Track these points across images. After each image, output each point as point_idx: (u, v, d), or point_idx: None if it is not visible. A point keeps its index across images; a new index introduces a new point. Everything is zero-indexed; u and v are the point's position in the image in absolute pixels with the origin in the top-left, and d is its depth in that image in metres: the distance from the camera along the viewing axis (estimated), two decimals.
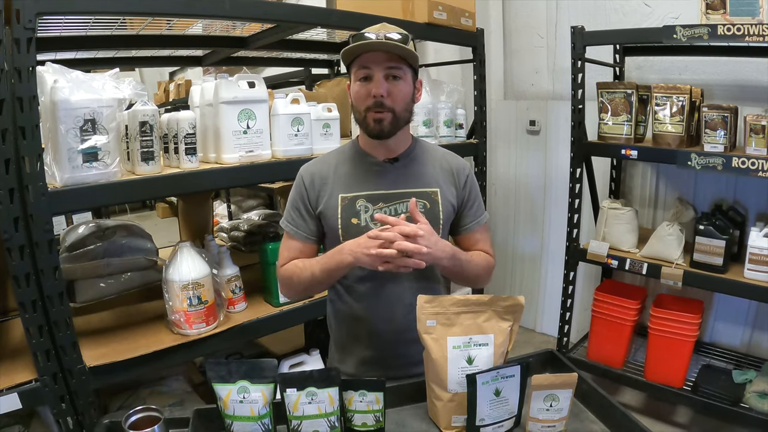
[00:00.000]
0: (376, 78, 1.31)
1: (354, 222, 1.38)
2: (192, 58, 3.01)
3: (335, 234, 1.40)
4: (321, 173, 1.44)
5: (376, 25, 1.36)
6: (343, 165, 1.45)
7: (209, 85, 1.89)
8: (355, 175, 1.42)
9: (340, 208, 1.39)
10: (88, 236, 1.97)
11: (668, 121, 2.46)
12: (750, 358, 2.74)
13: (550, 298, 3.69)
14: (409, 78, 1.36)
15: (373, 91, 1.30)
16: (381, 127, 1.33)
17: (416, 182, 1.42)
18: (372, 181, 1.41)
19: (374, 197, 1.40)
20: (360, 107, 1.35)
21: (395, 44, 1.28)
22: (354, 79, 1.35)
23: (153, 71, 7.38)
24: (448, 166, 1.48)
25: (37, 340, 1.48)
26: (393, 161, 1.43)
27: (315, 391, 1.09)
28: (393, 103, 1.32)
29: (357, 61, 1.33)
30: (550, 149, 3.54)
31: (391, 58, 1.31)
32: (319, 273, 1.35)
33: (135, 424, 1.08)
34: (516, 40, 3.67)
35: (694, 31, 2.21)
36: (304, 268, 1.38)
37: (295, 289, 1.44)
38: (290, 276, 1.41)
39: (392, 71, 1.32)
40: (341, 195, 1.40)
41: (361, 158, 1.44)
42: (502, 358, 1.22)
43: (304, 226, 1.44)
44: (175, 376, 2.25)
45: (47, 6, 1.41)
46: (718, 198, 2.80)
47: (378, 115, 1.32)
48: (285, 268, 1.44)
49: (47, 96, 1.48)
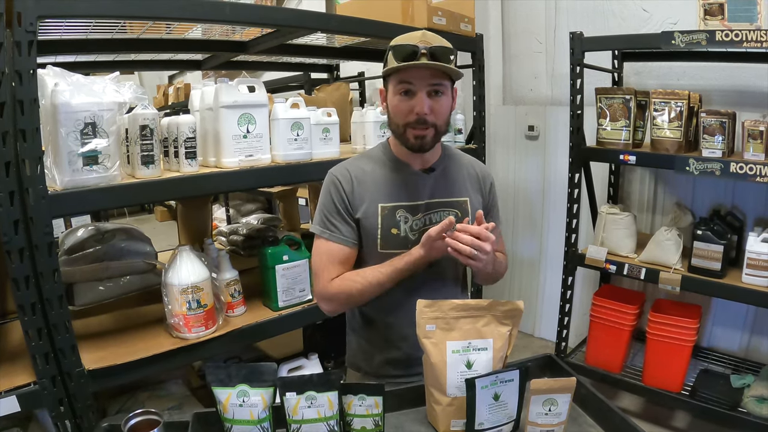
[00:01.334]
0: (420, 96, 1.29)
1: (394, 232, 1.38)
2: (191, 62, 3.02)
3: (373, 242, 1.39)
4: (358, 177, 1.41)
5: (414, 33, 1.32)
6: (378, 171, 1.43)
7: (209, 89, 1.89)
8: (393, 184, 1.41)
9: (380, 217, 1.38)
10: (87, 239, 1.97)
11: (666, 126, 2.47)
12: (748, 363, 2.75)
13: (548, 303, 3.69)
14: (449, 91, 1.35)
15: (416, 109, 1.30)
16: (423, 143, 1.34)
17: (450, 192, 1.45)
18: (411, 191, 1.41)
19: (413, 208, 1.40)
20: (400, 121, 1.34)
21: (444, 66, 1.27)
22: (393, 91, 1.33)
23: (152, 75, 7.37)
24: (475, 174, 1.51)
25: (36, 342, 1.47)
26: (429, 171, 1.43)
27: (314, 395, 1.09)
28: (435, 119, 1.33)
29: (398, 74, 1.31)
30: (549, 154, 3.54)
31: (435, 74, 1.30)
32: (388, 277, 1.34)
33: (134, 427, 1.08)
34: (515, 45, 3.69)
35: (693, 37, 2.22)
36: (366, 281, 1.35)
37: (354, 302, 1.41)
38: (349, 292, 1.37)
39: (435, 87, 1.30)
40: (381, 204, 1.39)
41: (398, 167, 1.43)
42: (501, 362, 1.22)
43: (350, 231, 1.40)
44: (174, 380, 2.24)
45: (48, 9, 1.40)
46: (716, 203, 2.81)
47: (421, 132, 1.32)
48: (338, 283, 1.38)
49: (48, 99, 1.48)
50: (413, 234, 1.40)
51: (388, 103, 1.37)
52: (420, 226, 1.41)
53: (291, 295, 2.08)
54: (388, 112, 1.39)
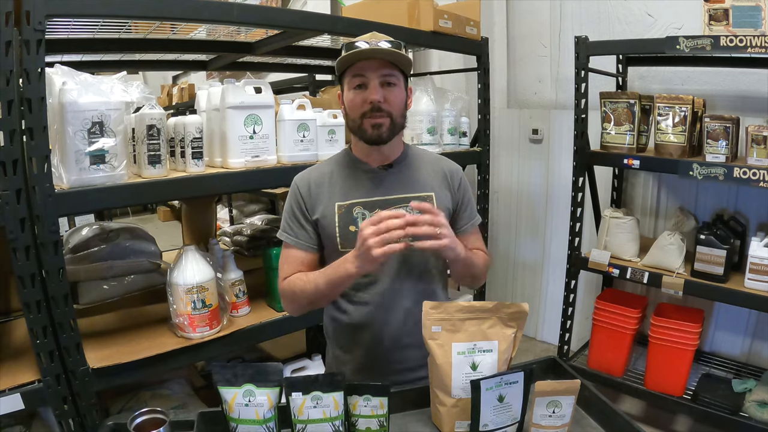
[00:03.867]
0: (372, 84, 1.32)
1: (352, 230, 1.38)
2: (197, 63, 3.03)
3: (333, 243, 1.39)
4: (316, 181, 1.44)
5: (366, 34, 1.36)
6: (337, 173, 1.45)
7: (216, 89, 1.90)
8: (350, 183, 1.42)
9: (337, 216, 1.39)
10: (92, 238, 1.98)
11: (670, 131, 2.47)
12: (750, 368, 2.75)
13: (551, 307, 3.69)
14: (402, 84, 1.38)
15: (369, 97, 1.32)
16: (380, 132, 1.34)
17: (411, 187, 1.43)
18: (368, 188, 1.41)
19: (371, 204, 1.40)
20: (355, 114, 1.35)
21: (391, 51, 1.30)
22: (348, 87, 1.36)
23: (156, 75, 7.40)
24: (441, 170, 1.50)
25: (41, 340, 1.48)
26: (387, 167, 1.44)
27: (320, 396, 1.09)
28: (390, 108, 1.34)
29: (350, 69, 1.34)
30: (553, 158, 3.55)
31: (385, 65, 1.33)
32: (324, 286, 1.32)
33: (140, 426, 1.08)
34: (519, 49, 3.70)
35: (697, 42, 2.22)
36: (308, 281, 1.35)
37: (299, 303, 1.40)
38: (293, 290, 1.38)
39: (387, 78, 1.33)
40: (338, 203, 1.40)
41: (356, 165, 1.44)
42: (505, 364, 1.22)
43: (305, 235, 1.42)
44: (177, 379, 2.25)
45: (57, 8, 1.41)
46: (719, 208, 2.82)
47: (377, 120, 1.33)
48: (288, 282, 1.40)
49: (55, 98, 1.49)
50: None
51: (344, 101, 1.39)
52: None
53: None
54: (345, 111, 1.40)
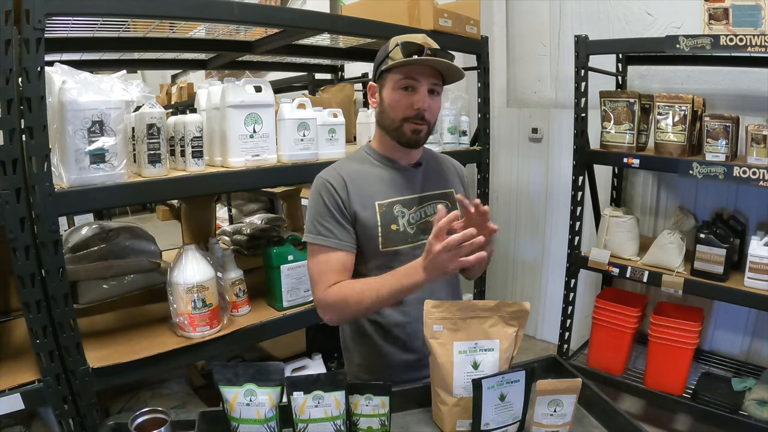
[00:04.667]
0: (422, 92, 1.33)
1: (393, 228, 1.39)
2: (196, 62, 3.02)
3: (374, 243, 1.38)
4: (350, 177, 1.39)
5: (417, 34, 1.36)
6: (369, 171, 1.43)
7: (216, 88, 1.89)
8: (386, 181, 1.42)
9: (378, 215, 1.38)
10: (92, 238, 1.98)
11: (670, 130, 2.47)
12: (749, 366, 2.75)
13: (550, 306, 3.69)
14: (441, 94, 1.42)
15: (417, 104, 1.33)
16: (418, 138, 1.38)
17: (439, 185, 1.50)
18: (404, 186, 1.43)
19: (408, 201, 1.42)
20: (397, 115, 1.35)
21: (456, 68, 1.33)
22: (393, 85, 1.35)
23: (155, 74, 7.39)
24: (454, 168, 1.59)
25: (41, 340, 1.47)
26: (417, 166, 1.47)
27: (321, 395, 1.09)
28: (431, 117, 1.38)
29: (401, 69, 1.33)
30: (552, 157, 3.55)
31: (436, 73, 1.35)
32: (387, 294, 1.24)
33: (141, 425, 1.08)
34: (519, 48, 3.69)
35: (697, 41, 2.23)
36: (364, 290, 1.27)
37: (350, 312, 1.32)
38: (345, 300, 1.29)
39: (435, 86, 1.36)
40: (377, 202, 1.38)
41: (387, 164, 1.45)
42: (507, 363, 1.22)
43: (347, 235, 1.36)
44: (177, 379, 2.24)
45: (57, 7, 1.40)
46: (718, 207, 2.82)
47: (418, 126, 1.36)
48: (335, 292, 1.31)
49: (55, 97, 1.48)
50: (411, 227, 1.41)
51: (384, 97, 1.38)
52: (417, 220, 1.43)
53: (295, 295, 2.08)
54: (381, 108, 1.39)
